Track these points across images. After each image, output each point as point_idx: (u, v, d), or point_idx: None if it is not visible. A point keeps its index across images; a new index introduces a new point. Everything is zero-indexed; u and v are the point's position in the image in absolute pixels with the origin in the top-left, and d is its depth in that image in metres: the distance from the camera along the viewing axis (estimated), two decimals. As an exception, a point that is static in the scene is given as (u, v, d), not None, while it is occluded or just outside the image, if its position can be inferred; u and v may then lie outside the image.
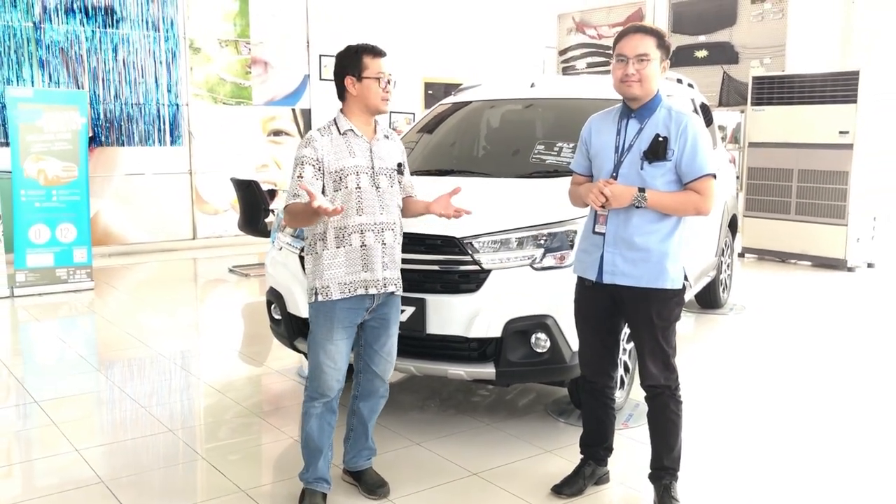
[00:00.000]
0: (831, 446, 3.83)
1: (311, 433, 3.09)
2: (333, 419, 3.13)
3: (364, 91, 3.03)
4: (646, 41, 2.90)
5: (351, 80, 3.03)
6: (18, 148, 7.04)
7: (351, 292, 3.00)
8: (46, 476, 3.51)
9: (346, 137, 3.04)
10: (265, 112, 10.51)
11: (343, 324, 3.03)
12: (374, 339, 3.16)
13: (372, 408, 3.25)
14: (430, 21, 11.75)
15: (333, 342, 3.03)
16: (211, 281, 8.56)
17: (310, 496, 3.12)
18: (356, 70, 3.02)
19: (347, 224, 3.00)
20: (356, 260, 3.00)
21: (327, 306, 3.02)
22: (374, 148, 3.08)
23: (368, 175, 3.03)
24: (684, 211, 2.94)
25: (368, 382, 3.22)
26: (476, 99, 5.26)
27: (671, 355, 3.02)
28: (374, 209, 3.03)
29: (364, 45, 3.06)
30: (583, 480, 3.27)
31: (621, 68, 2.92)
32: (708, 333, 6.02)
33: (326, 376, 3.04)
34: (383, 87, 3.03)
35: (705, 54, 11.54)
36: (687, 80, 5.93)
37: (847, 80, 8.29)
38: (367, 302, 3.06)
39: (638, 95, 2.94)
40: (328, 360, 3.03)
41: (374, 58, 3.02)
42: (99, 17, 9.08)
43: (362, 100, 3.04)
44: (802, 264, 8.82)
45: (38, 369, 5.16)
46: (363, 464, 3.30)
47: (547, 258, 3.62)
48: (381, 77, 3.01)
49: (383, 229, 3.04)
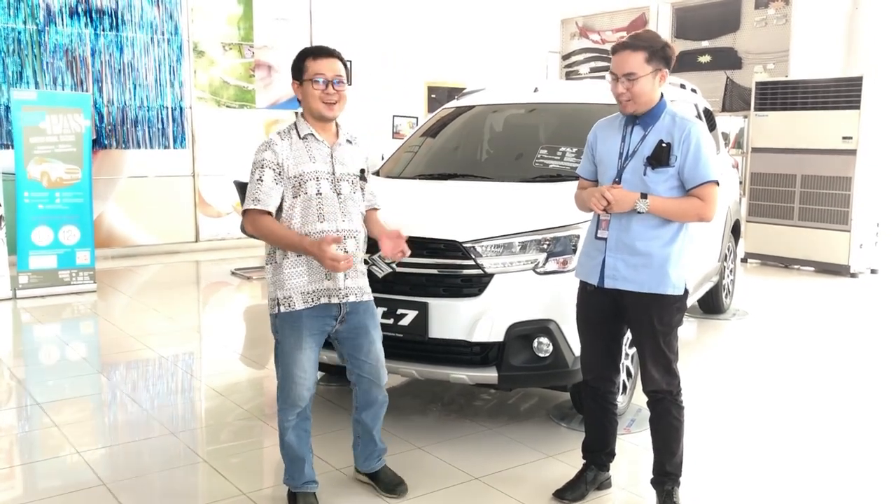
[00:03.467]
0: (833, 452, 3.82)
1: (290, 444, 3.08)
2: (308, 424, 3.13)
3: (304, 94, 2.94)
4: (632, 58, 2.88)
5: (295, 83, 2.98)
6: (22, 150, 7.05)
7: (314, 301, 2.94)
8: (48, 478, 3.51)
9: (306, 142, 2.95)
10: (268, 115, 10.52)
11: (311, 332, 2.97)
12: (356, 349, 3.10)
13: (374, 415, 3.25)
14: (433, 25, 11.76)
15: (303, 351, 2.96)
16: (213, 283, 8.57)
17: (303, 498, 3.12)
18: (299, 73, 2.95)
19: (308, 232, 2.90)
20: (318, 268, 2.91)
21: (293, 317, 2.94)
22: (336, 153, 2.99)
23: (329, 181, 2.95)
24: (686, 217, 2.94)
25: (365, 393, 3.19)
26: (479, 103, 5.27)
27: (673, 360, 3.02)
28: (336, 216, 2.95)
29: (309, 48, 2.99)
30: (585, 485, 3.27)
31: (614, 86, 2.94)
32: (710, 339, 6.01)
33: (298, 387, 2.98)
34: (322, 88, 2.89)
35: (709, 59, 11.54)
36: (690, 85, 5.93)
37: (851, 85, 8.28)
38: (334, 310, 2.99)
39: (632, 112, 2.97)
40: (299, 371, 2.97)
41: (315, 59, 2.91)
42: (103, 20, 9.10)
43: (306, 104, 2.96)
44: (805, 270, 8.81)
45: (40, 371, 5.16)
46: (377, 465, 3.31)
47: (550, 263, 3.62)
48: (317, 78, 2.89)
49: (346, 237, 2.95)
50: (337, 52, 2.99)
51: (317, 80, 2.90)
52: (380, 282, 3.58)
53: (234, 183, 8.36)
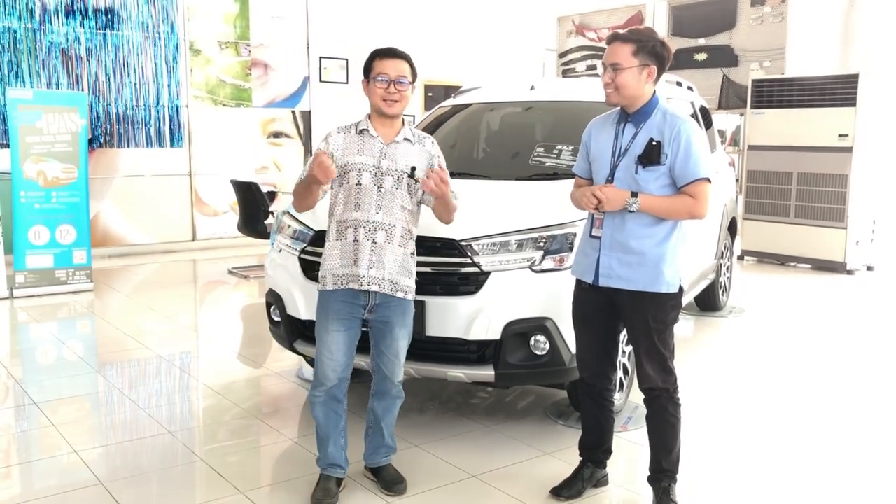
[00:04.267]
0: (830, 449, 3.83)
1: (317, 419, 3.20)
2: (339, 407, 3.20)
3: (369, 92, 3.13)
4: (620, 50, 2.91)
5: (364, 81, 3.17)
6: (18, 149, 7.04)
7: (342, 284, 3.09)
8: (45, 477, 3.51)
9: (361, 136, 3.13)
10: (265, 114, 10.51)
11: (338, 315, 3.09)
12: (380, 339, 3.20)
13: (386, 408, 3.28)
14: (430, 23, 11.74)
15: (329, 332, 3.10)
16: (210, 283, 8.56)
17: (323, 481, 3.21)
18: (367, 72, 3.14)
19: (345, 218, 3.10)
20: (349, 254, 3.08)
21: (325, 296, 3.13)
22: (388, 149, 3.12)
23: (372, 173, 3.08)
24: (678, 215, 2.94)
25: (380, 382, 3.27)
26: (476, 101, 5.27)
27: (668, 358, 3.02)
28: (371, 207, 3.07)
29: (379, 49, 3.15)
30: (581, 483, 3.27)
31: (602, 75, 2.98)
32: (707, 336, 6.02)
33: (323, 365, 3.12)
34: (384, 87, 3.06)
35: (705, 57, 11.54)
36: (687, 83, 5.93)
37: (846, 83, 8.30)
38: (363, 298, 3.10)
39: (616, 103, 3.00)
40: (325, 350, 3.11)
41: (381, 59, 3.11)
42: (99, 19, 9.09)
43: (370, 100, 3.14)
44: (802, 267, 8.83)
45: (37, 370, 5.15)
46: (381, 461, 3.35)
47: (546, 260, 3.62)
48: (381, 77, 3.06)
49: (376, 228, 3.07)
50: (404, 54, 3.14)
51: (380, 78, 3.06)
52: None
53: (231, 182, 8.35)
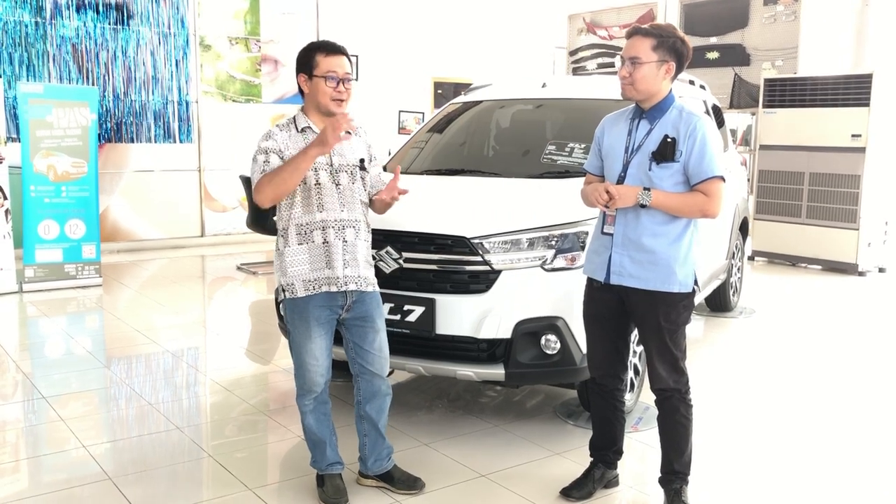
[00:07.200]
0: (842, 450, 3.79)
1: (310, 427, 3.16)
2: (327, 407, 3.19)
3: (314, 89, 2.98)
4: (640, 43, 2.89)
5: (303, 77, 3.00)
6: (28, 143, 7.05)
7: (315, 289, 2.99)
8: (53, 472, 3.51)
9: (304, 134, 3.01)
10: (275, 110, 10.50)
11: (319, 321, 3.03)
12: (362, 338, 3.13)
13: (379, 408, 3.22)
14: (440, 20, 11.72)
15: (312, 339, 3.03)
16: (219, 278, 8.56)
17: (330, 480, 3.18)
18: (308, 68, 2.98)
19: (309, 221, 2.98)
20: (319, 256, 2.99)
21: (300, 305, 3.01)
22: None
23: (327, 171, 2.99)
24: (690, 213, 2.91)
25: (368, 384, 3.19)
26: (486, 99, 5.24)
27: (680, 358, 2.99)
28: (335, 206, 3.00)
29: (319, 42, 3.02)
30: (592, 484, 3.25)
31: (620, 69, 2.95)
32: (718, 337, 5.98)
33: (311, 374, 3.07)
34: (333, 86, 2.94)
35: (717, 56, 11.47)
36: (699, 81, 5.89)
37: (860, 82, 8.23)
38: (340, 299, 3.04)
39: (632, 97, 2.96)
40: (310, 359, 3.05)
41: (327, 55, 2.96)
42: (110, 14, 9.09)
43: (313, 98, 3.00)
44: (813, 268, 8.77)
45: (45, 365, 5.16)
46: (387, 465, 3.28)
47: (558, 259, 3.59)
48: (330, 75, 2.93)
49: (344, 226, 3.01)
50: (345, 49, 3.04)
51: (330, 77, 2.94)
52: (387, 278, 3.59)
53: (241, 178, 8.34)
